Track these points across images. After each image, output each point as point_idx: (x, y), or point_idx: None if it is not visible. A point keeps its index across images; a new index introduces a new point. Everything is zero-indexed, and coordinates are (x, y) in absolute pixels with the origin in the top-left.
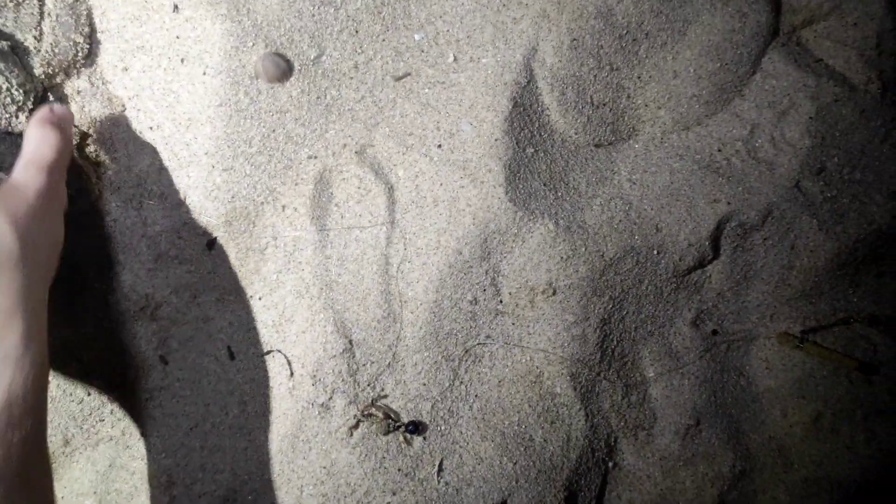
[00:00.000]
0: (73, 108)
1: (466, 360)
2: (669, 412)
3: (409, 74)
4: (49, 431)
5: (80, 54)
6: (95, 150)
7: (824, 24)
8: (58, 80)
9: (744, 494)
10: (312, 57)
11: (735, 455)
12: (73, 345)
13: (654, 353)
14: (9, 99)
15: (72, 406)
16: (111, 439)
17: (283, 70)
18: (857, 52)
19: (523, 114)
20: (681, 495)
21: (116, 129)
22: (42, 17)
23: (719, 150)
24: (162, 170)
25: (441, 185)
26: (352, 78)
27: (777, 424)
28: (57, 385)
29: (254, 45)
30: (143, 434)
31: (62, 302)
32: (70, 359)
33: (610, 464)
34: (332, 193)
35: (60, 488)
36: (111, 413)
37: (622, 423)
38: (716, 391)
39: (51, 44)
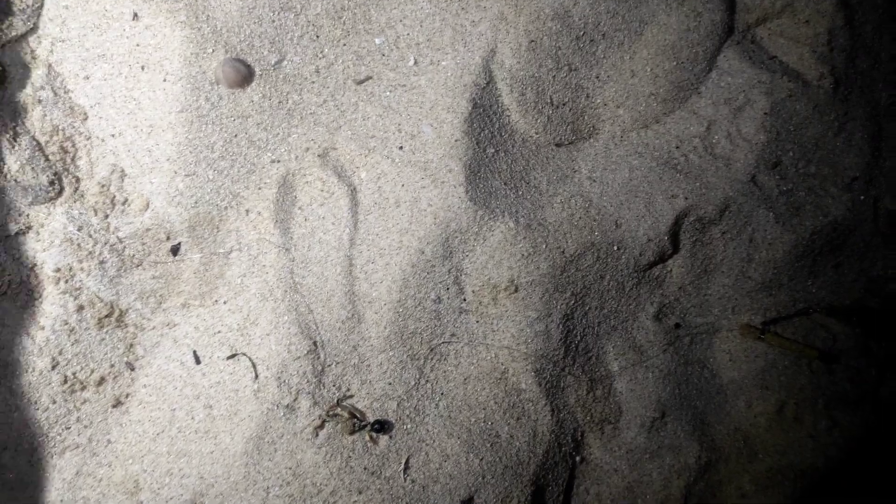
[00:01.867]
0: (36, 116)
1: (432, 359)
2: (635, 405)
3: (371, 78)
4: (16, 440)
5: None
6: (61, 158)
7: (778, 21)
8: None
9: (710, 485)
10: (273, 62)
11: (701, 446)
12: (33, 352)
13: (617, 347)
14: None
15: (37, 414)
16: (77, 447)
17: (244, 75)
18: (810, 48)
19: (483, 115)
20: (648, 487)
21: (78, 138)
22: None
23: (677, 147)
24: (124, 176)
25: (403, 186)
26: (313, 82)
27: (741, 415)
28: (21, 394)
29: (214, 51)
30: (110, 440)
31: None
32: (31, 366)
33: (577, 458)
34: (295, 197)
35: (26, 498)
36: (77, 421)
37: (588, 418)
38: (680, 384)
39: None
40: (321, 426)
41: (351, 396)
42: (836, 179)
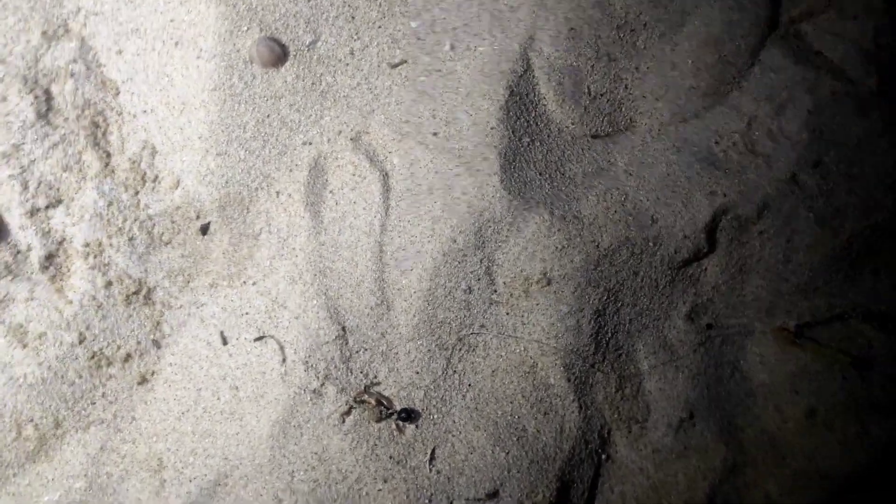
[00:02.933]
0: (68, 89)
1: (460, 349)
2: (663, 405)
3: (406, 62)
4: (40, 413)
5: None
6: (92, 133)
7: (823, 17)
8: None
9: (736, 488)
10: (308, 42)
11: (728, 449)
12: (61, 326)
13: (648, 345)
14: None
15: (62, 388)
16: (102, 422)
17: (278, 55)
18: (856, 46)
19: (520, 103)
20: (673, 488)
21: (109, 112)
22: None
23: (716, 143)
24: (155, 153)
25: (436, 173)
26: (347, 64)
27: (771, 419)
28: (48, 367)
29: (248, 29)
30: (135, 417)
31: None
32: (59, 340)
33: (603, 456)
34: (326, 180)
35: (51, 470)
36: (103, 396)
37: (616, 415)
38: (710, 385)
39: None
40: (348, 412)
41: (378, 384)
42: (879, 181)
